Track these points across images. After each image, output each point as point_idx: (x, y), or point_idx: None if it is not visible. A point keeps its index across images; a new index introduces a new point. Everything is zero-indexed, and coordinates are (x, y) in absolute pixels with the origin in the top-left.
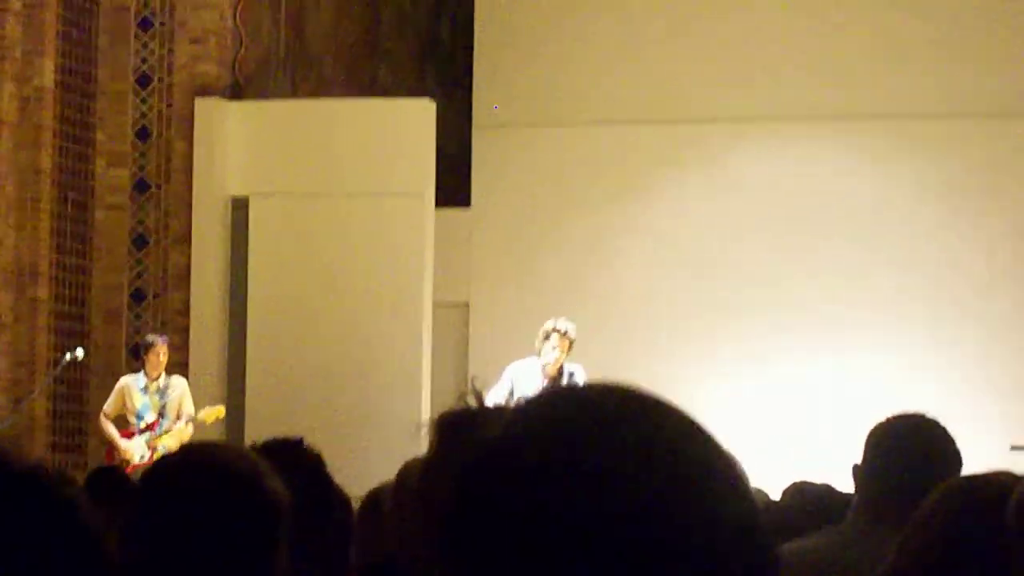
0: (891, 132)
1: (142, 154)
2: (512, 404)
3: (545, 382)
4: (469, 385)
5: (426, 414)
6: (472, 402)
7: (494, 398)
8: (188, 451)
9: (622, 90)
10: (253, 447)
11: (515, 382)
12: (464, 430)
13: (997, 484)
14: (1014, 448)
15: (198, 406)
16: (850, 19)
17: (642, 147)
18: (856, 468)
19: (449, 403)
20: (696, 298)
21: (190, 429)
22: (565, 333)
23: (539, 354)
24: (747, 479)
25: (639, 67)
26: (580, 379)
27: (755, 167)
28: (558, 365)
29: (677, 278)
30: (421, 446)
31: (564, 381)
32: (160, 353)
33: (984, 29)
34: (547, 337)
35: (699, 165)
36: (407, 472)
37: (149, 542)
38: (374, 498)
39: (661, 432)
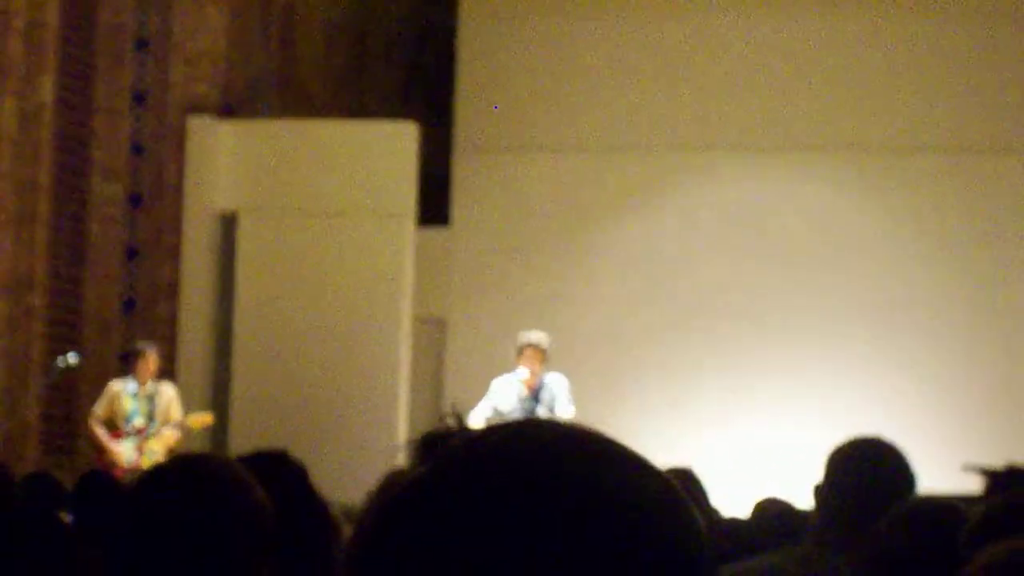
0: (864, 164)
1: (136, 170)
2: (500, 417)
3: (524, 394)
4: (449, 406)
5: (404, 426)
6: (452, 422)
7: (480, 413)
8: (177, 460)
9: (599, 118)
10: (239, 458)
11: (496, 399)
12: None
13: (947, 509)
14: (966, 468)
15: (186, 413)
16: (830, 51)
17: (617, 173)
18: (817, 488)
19: (426, 417)
20: (669, 320)
21: (177, 434)
22: (537, 345)
23: (518, 371)
24: (686, 505)
25: (616, 96)
26: (560, 387)
27: (729, 195)
28: (535, 378)
29: (650, 300)
30: (398, 459)
31: (545, 394)
32: (150, 360)
33: (968, 65)
34: (520, 353)
35: (673, 192)
36: (387, 485)
37: (138, 548)
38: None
39: (609, 462)
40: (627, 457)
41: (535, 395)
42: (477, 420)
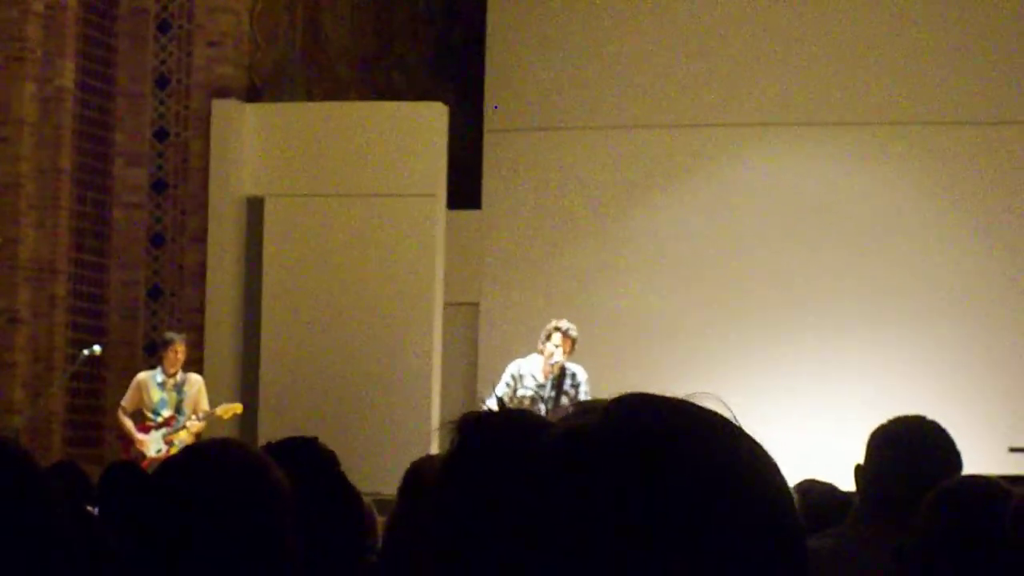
0: (892, 139)
1: (160, 154)
2: (517, 400)
3: (546, 379)
4: (490, 392)
5: (436, 412)
6: (491, 405)
7: (496, 395)
8: (197, 446)
9: (631, 95)
10: (269, 445)
11: (517, 379)
12: (488, 431)
13: (992, 487)
14: (1012, 450)
15: (213, 403)
16: (863, 25)
17: (651, 151)
18: (858, 469)
19: (459, 402)
20: (704, 299)
21: (204, 425)
22: (567, 332)
23: (542, 352)
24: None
25: (648, 72)
26: (581, 379)
27: (763, 172)
28: (557, 364)
29: (685, 280)
30: (431, 446)
31: (566, 381)
32: (178, 351)
33: (989, 37)
34: (549, 336)
35: (709, 168)
36: (416, 472)
37: (157, 535)
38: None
39: (733, 434)
40: (738, 429)
41: (557, 382)
42: (492, 403)
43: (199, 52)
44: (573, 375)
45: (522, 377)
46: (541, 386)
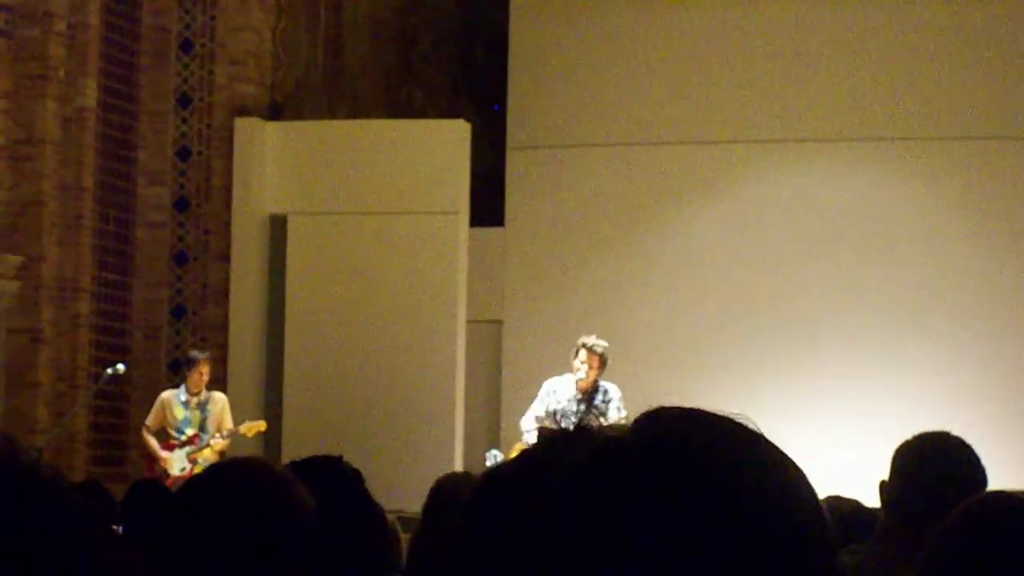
0: (913, 153)
1: (182, 173)
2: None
3: (578, 397)
4: (524, 412)
5: (460, 429)
6: (525, 425)
7: (533, 414)
8: (220, 464)
9: (652, 112)
10: (294, 463)
11: (549, 397)
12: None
13: (1018, 503)
14: None
15: (237, 420)
16: (877, 43)
17: (672, 167)
18: (883, 484)
19: (482, 419)
20: (726, 315)
21: (228, 443)
22: (592, 348)
23: (573, 371)
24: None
25: (669, 90)
26: (614, 396)
27: (782, 187)
28: (590, 381)
29: (708, 295)
30: (455, 463)
31: (598, 397)
32: (203, 371)
33: (995, 52)
34: (576, 353)
35: (729, 184)
36: (440, 489)
37: (181, 553)
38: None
39: (764, 449)
40: (776, 451)
41: (589, 398)
42: (529, 422)
43: (221, 71)
44: (605, 391)
45: (555, 393)
46: (576, 401)
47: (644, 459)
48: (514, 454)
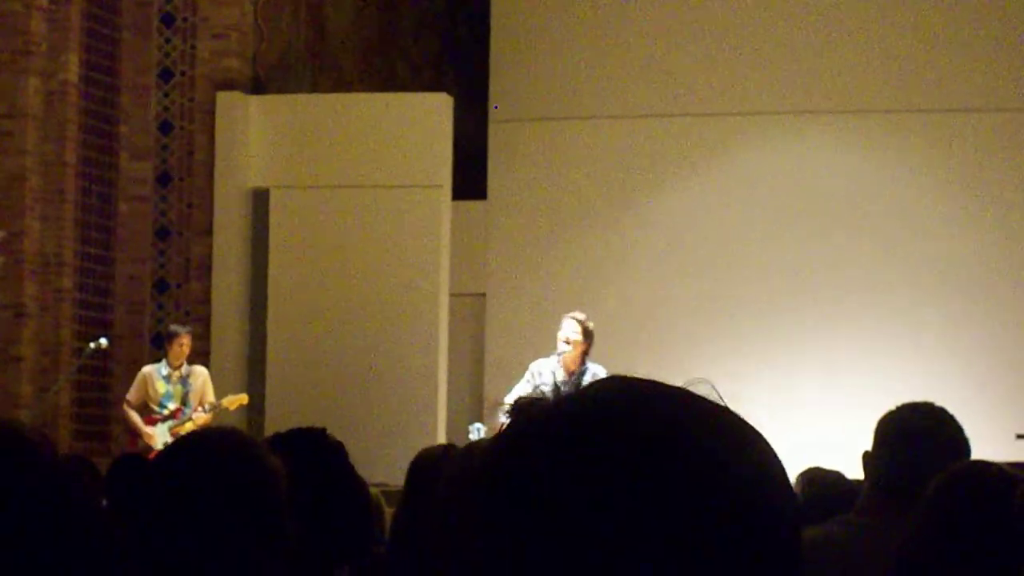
0: (902, 127)
1: (164, 147)
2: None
3: (563, 379)
4: (508, 391)
5: (443, 402)
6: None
7: (517, 394)
8: (192, 434)
9: (637, 84)
10: (276, 436)
11: (536, 377)
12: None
13: (999, 471)
14: (1020, 437)
15: (219, 394)
16: (873, 13)
17: (657, 140)
18: (866, 455)
19: (465, 392)
20: (713, 288)
21: (211, 417)
22: (576, 319)
23: (558, 349)
24: (786, 473)
25: (654, 61)
26: (601, 375)
27: (769, 161)
28: (576, 356)
29: (694, 269)
30: (438, 436)
31: (586, 378)
32: (184, 344)
33: (998, 24)
34: (560, 328)
35: (716, 157)
36: (422, 462)
37: (156, 524)
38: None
39: (713, 414)
40: (739, 422)
41: (576, 380)
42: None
43: (203, 45)
44: (594, 374)
45: (541, 375)
46: (562, 383)
47: (567, 427)
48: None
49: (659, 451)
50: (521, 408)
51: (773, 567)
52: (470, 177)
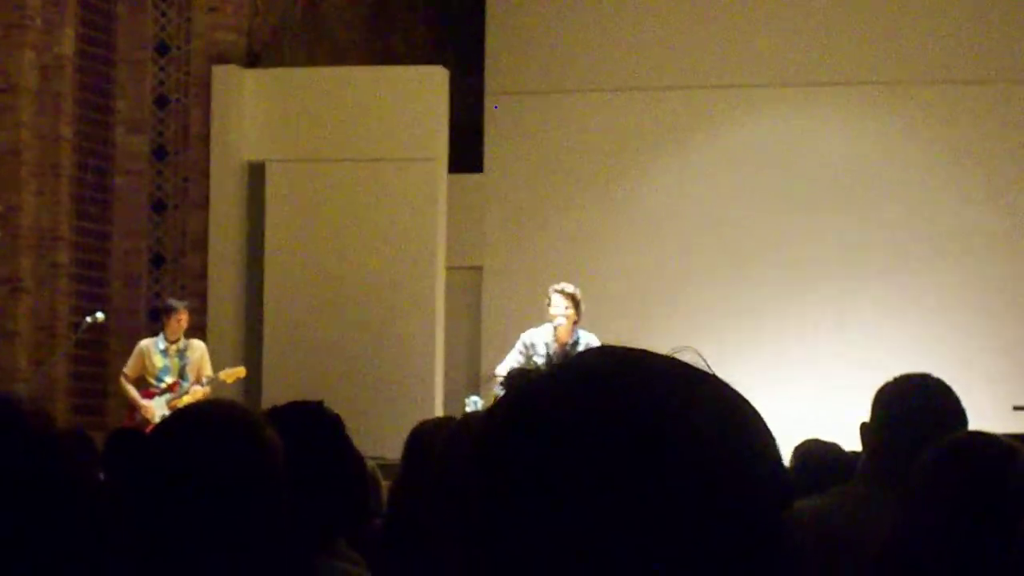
0: (895, 98)
1: (160, 121)
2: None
3: (555, 349)
4: (500, 363)
5: (440, 376)
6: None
7: (508, 364)
8: (187, 407)
9: (633, 57)
10: (273, 409)
11: (529, 348)
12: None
13: (992, 441)
14: (1016, 408)
15: (216, 368)
16: None
17: (653, 113)
18: (864, 427)
19: (462, 365)
20: (708, 262)
21: (209, 391)
22: (562, 290)
23: (551, 319)
24: (774, 438)
25: (650, 34)
26: (593, 345)
27: (767, 133)
28: (568, 327)
29: (689, 242)
30: (435, 409)
31: (576, 349)
32: (181, 319)
33: None
34: (549, 302)
35: (711, 130)
36: (419, 435)
37: (153, 497)
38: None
39: (700, 383)
40: (725, 388)
41: (570, 350)
42: (504, 372)
43: (198, 18)
44: (587, 344)
45: (534, 346)
46: (554, 354)
47: (553, 396)
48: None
49: (647, 418)
50: (513, 380)
51: (763, 536)
52: (466, 150)
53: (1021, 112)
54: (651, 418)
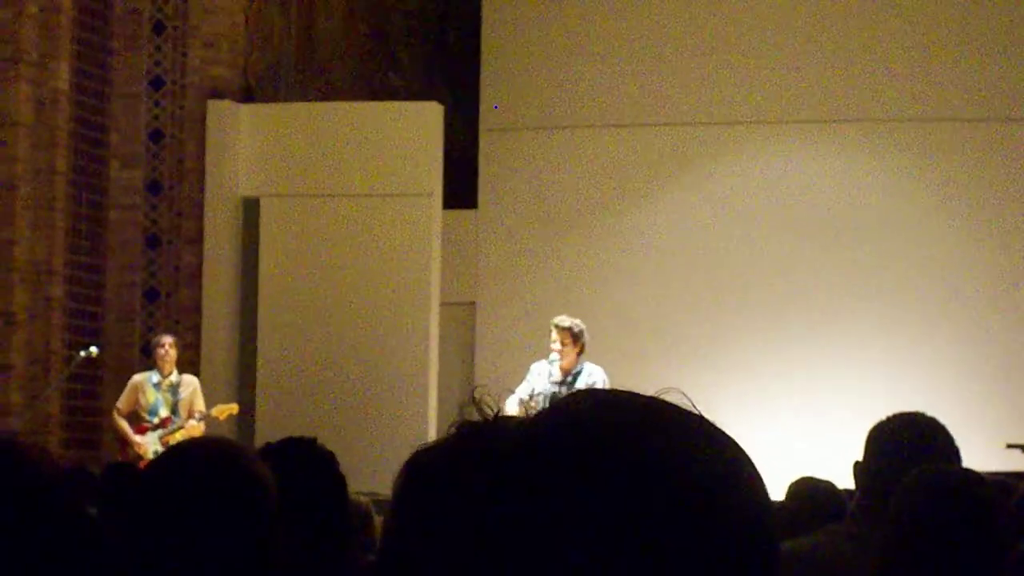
0: (887, 135)
1: (155, 155)
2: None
3: (558, 379)
4: (470, 396)
5: (433, 411)
6: (487, 411)
7: (518, 396)
8: (180, 444)
9: (628, 93)
10: (268, 446)
11: (533, 381)
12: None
13: (956, 476)
14: (1010, 446)
15: (209, 403)
16: (862, 22)
17: (648, 149)
18: (857, 465)
19: (455, 401)
20: (703, 298)
21: (202, 427)
22: (559, 324)
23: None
24: (761, 478)
25: (644, 71)
26: (598, 379)
27: (759, 169)
28: (567, 361)
29: (684, 278)
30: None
31: (581, 380)
32: (165, 346)
33: (999, 34)
34: (550, 335)
35: (706, 166)
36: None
37: (152, 529)
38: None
39: (683, 433)
40: (711, 429)
41: (571, 381)
42: (512, 405)
43: (194, 53)
44: (589, 374)
45: (540, 376)
46: (555, 383)
47: (535, 450)
48: None
49: (630, 463)
50: (464, 434)
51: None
52: (461, 186)
53: (1013, 149)
54: (635, 460)
